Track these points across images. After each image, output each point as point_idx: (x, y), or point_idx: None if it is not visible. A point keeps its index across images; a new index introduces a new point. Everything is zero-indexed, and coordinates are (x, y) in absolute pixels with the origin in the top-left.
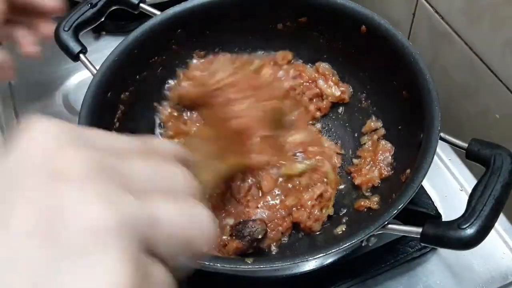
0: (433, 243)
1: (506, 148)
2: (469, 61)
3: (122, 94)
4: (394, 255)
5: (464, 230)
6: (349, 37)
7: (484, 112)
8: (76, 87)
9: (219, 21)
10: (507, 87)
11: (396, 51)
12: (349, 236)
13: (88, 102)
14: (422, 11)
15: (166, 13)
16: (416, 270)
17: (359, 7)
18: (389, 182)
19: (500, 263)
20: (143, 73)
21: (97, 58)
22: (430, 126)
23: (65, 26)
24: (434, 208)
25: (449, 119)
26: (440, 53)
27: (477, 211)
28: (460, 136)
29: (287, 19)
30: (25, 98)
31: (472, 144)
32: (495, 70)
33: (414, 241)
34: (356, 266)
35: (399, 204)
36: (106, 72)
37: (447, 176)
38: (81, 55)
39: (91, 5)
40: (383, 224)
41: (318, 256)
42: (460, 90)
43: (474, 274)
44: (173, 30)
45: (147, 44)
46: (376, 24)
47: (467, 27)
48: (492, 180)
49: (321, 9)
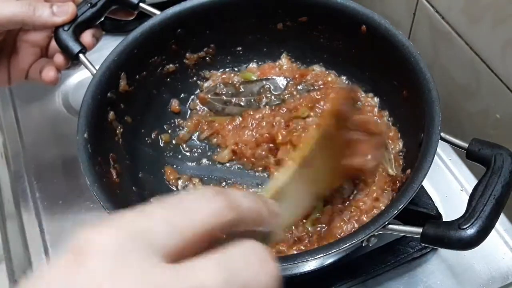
0: (434, 244)
1: (506, 148)
2: (469, 60)
3: (122, 94)
4: (395, 256)
5: (465, 230)
6: (349, 37)
7: (484, 112)
8: (75, 87)
9: (219, 21)
10: (507, 87)
11: (396, 51)
12: (349, 236)
13: (88, 102)
14: (422, 10)
15: (166, 13)
16: (416, 270)
17: (359, 7)
18: None
19: (500, 263)
20: (143, 73)
21: (97, 58)
22: (431, 126)
23: (64, 26)
24: (434, 208)
25: (449, 119)
26: (440, 53)
27: (477, 211)
28: (461, 136)
29: (287, 19)
30: (25, 98)
31: (473, 144)
32: (496, 70)
33: (415, 241)
34: (356, 266)
35: (399, 204)
36: (106, 72)
37: (448, 176)
38: (81, 55)
39: (91, 5)
40: (384, 224)
41: (318, 256)
42: (460, 90)
43: (475, 275)
44: (173, 30)
45: (147, 44)
46: (376, 24)
47: (468, 27)
48: (493, 180)
49: (321, 9)
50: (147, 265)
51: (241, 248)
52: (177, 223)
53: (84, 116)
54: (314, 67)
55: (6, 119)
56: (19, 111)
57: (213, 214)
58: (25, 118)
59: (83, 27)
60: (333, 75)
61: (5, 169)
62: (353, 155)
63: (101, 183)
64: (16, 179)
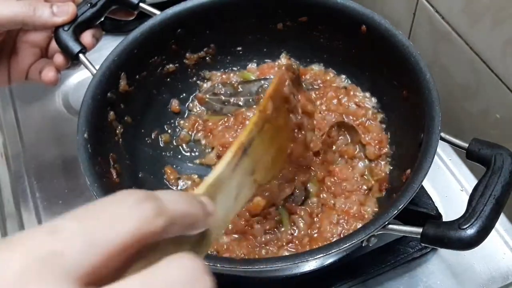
0: (434, 244)
1: (506, 148)
2: (469, 61)
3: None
4: (395, 256)
5: (465, 231)
6: (349, 37)
7: (484, 112)
8: (75, 87)
9: (219, 21)
10: (507, 87)
11: (396, 51)
12: (349, 236)
13: (88, 102)
14: (422, 10)
15: (166, 13)
16: (416, 270)
17: (359, 7)
18: None
19: (500, 263)
20: (143, 73)
21: (97, 58)
22: (431, 126)
23: (64, 26)
24: (434, 208)
25: (449, 119)
26: (440, 53)
27: (477, 211)
28: (461, 136)
29: (287, 19)
30: (25, 98)
31: (473, 144)
32: (496, 70)
33: (415, 241)
34: (356, 266)
35: (399, 204)
36: (106, 72)
37: (448, 176)
38: (81, 55)
39: (91, 5)
40: (384, 224)
41: (318, 256)
42: (460, 90)
43: (475, 275)
44: (173, 30)
45: (147, 44)
46: (376, 24)
47: (468, 27)
48: (493, 180)
49: (321, 9)
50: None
51: (169, 267)
52: (93, 239)
53: (84, 116)
54: (313, 66)
55: (6, 119)
56: (19, 111)
57: (138, 223)
58: (25, 118)
59: (83, 27)
60: (332, 74)
61: (5, 169)
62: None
63: (101, 183)
64: (16, 179)
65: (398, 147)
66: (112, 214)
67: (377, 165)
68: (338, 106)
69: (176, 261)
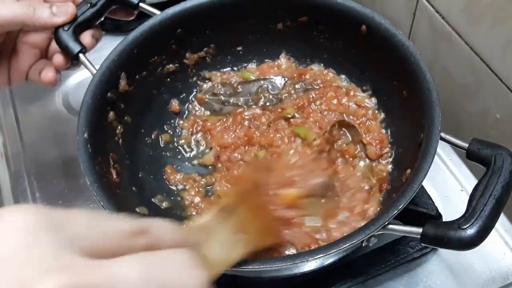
0: (434, 244)
1: (506, 148)
2: (469, 61)
3: (122, 94)
4: (395, 256)
5: (465, 231)
6: (349, 37)
7: (484, 112)
8: (75, 87)
9: (219, 21)
10: (507, 87)
11: (396, 51)
12: (349, 236)
13: (88, 102)
14: (422, 10)
15: (166, 13)
16: (416, 270)
17: (359, 7)
18: None
19: (500, 263)
20: (143, 73)
21: (97, 58)
22: (431, 126)
23: (64, 26)
24: (434, 208)
25: (449, 119)
26: (440, 53)
27: (477, 211)
28: (461, 136)
29: (287, 19)
30: (25, 98)
31: (473, 144)
32: (496, 70)
33: (415, 241)
34: (356, 266)
35: (399, 204)
36: (106, 72)
37: (448, 176)
38: (81, 55)
39: (91, 5)
40: (384, 224)
41: (318, 256)
42: (460, 90)
43: (475, 275)
44: (173, 30)
45: (147, 44)
46: (376, 24)
47: (468, 27)
48: (493, 180)
49: (321, 9)
50: (58, 248)
51: (169, 251)
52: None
53: (84, 116)
54: (313, 66)
55: (6, 119)
56: (19, 111)
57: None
58: (25, 118)
59: (83, 27)
60: (332, 74)
61: (5, 169)
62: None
63: (101, 183)
64: (16, 179)
65: (398, 147)
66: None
67: (378, 165)
68: (338, 106)
69: (179, 249)
